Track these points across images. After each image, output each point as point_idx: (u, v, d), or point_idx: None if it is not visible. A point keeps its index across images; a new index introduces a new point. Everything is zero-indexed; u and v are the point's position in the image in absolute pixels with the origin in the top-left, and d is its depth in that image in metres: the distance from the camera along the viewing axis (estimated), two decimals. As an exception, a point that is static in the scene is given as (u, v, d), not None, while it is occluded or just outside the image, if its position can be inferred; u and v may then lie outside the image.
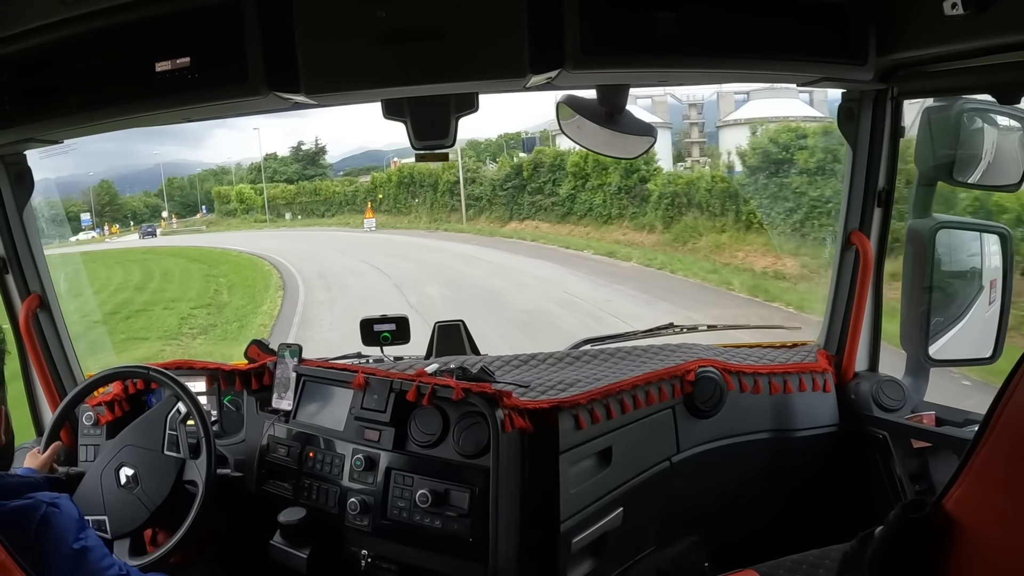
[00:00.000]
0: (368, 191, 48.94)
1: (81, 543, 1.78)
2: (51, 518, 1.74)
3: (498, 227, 37.34)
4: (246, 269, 30.92)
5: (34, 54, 2.29)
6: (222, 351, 18.26)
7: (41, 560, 1.68)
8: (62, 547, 1.74)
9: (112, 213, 60.55)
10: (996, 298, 2.87)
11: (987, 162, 2.77)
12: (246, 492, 2.99)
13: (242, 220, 54.89)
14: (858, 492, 3.06)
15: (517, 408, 2.60)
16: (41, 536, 1.71)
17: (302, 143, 57.52)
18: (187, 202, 63.06)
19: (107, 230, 56.71)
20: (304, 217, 52.32)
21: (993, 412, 1.49)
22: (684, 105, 40.92)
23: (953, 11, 1.97)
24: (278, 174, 56.48)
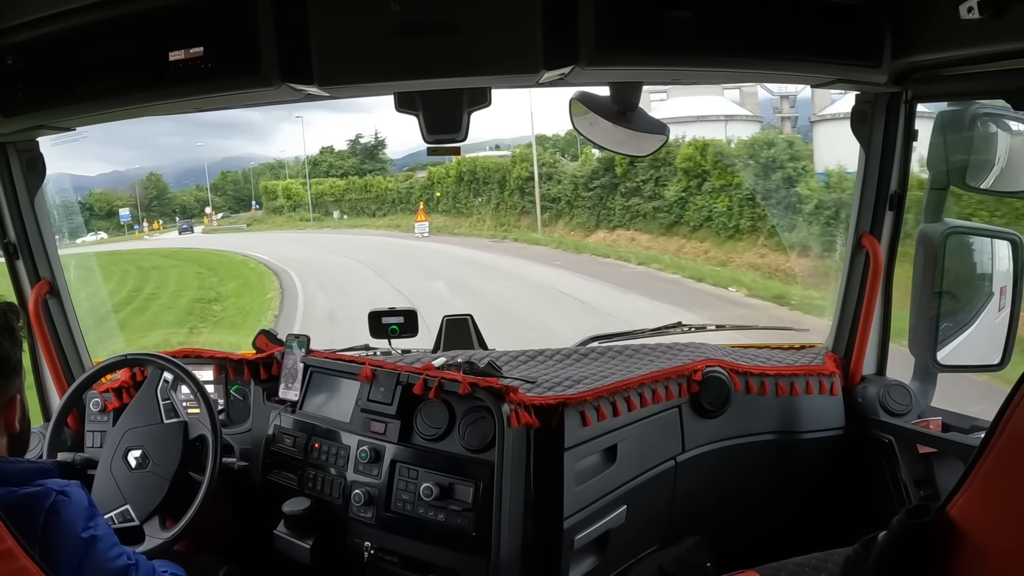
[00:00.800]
0: (424, 188, 44.06)
1: (90, 532, 1.76)
2: (60, 507, 1.71)
3: (581, 237, 29.54)
4: (247, 294, 24.18)
5: (47, 42, 2.30)
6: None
7: (49, 549, 1.66)
8: (71, 536, 1.71)
9: (160, 208, 60.12)
10: (1006, 305, 2.86)
11: (1000, 167, 2.76)
12: (251, 481, 3.00)
13: (287, 218, 52.71)
14: (863, 496, 3.05)
15: (523, 404, 2.61)
16: (50, 525, 1.67)
17: (360, 136, 55.39)
18: (241, 197, 61.77)
19: (145, 226, 55.55)
20: (352, 216, 48.86)
21: (1000, 419, 1.48)
22: (776, 97, 37.65)
23: (969, 15, 1.96)
24: (334, 168, 53.99)
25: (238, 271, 29.68)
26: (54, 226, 3.10)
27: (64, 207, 8.67)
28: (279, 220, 52.86)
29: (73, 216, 17.87)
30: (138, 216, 57.65)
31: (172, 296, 25.52)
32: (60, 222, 5.27)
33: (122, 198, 58.85)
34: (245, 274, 28.80)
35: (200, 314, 22.39)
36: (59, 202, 5.28)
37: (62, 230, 5.72)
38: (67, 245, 25.32)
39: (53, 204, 3.25)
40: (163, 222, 59.32)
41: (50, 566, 1.58)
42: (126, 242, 48.17)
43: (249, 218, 57.13)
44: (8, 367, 1.82)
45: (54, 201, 3.49)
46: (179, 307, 23.58)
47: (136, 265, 31.99)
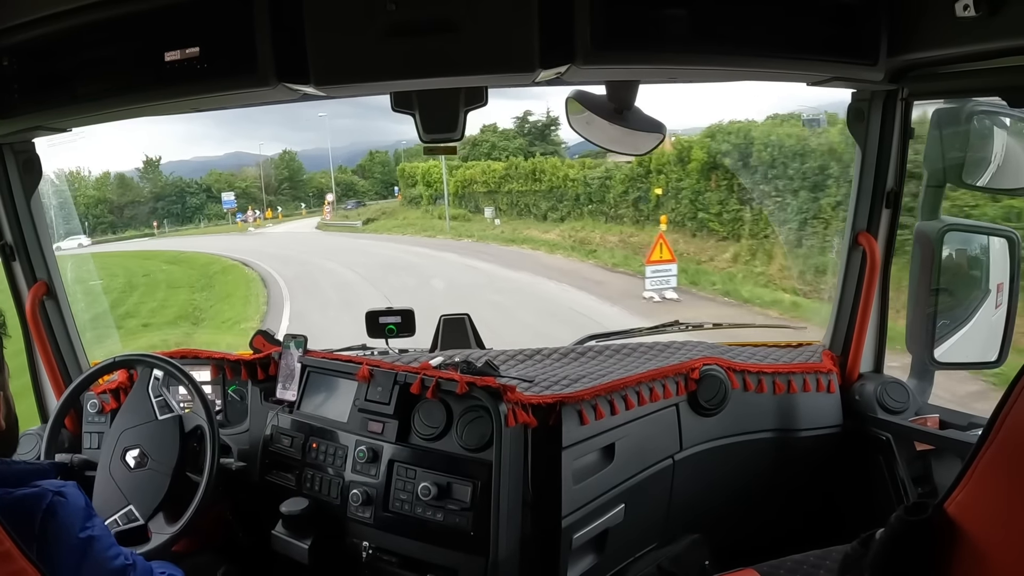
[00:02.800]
0: (629, 180, 27.14)
1: (87, 532, 1.76)
2: (57, 507, 1.71)
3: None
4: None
5: (43, 42, 2.29)
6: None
7: (47, 549, 1.66)
8: (68, 537, 1.71)
9: (292, 191, 56.30)
10: (1003, 302, 2.87)
11: (996, 165, 2.76)
12: (249, 482, 3.00)
13: (423, 213, 42.67)
14: (860, 493, 3.06)
15: (521, 403, 2.61)
16: (47, 526, 1.68)
17: (529, 113, 43.90)
18: (389, 180, 55.09)
19: (251, 215, 51.53)
20: (512, 216, 34.62)
21: (997, 416, 1.49)
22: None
23: (965, 13, 1.97)
24: (496, 150, 42.59)
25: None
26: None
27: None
28: (412, 216, 43.69)
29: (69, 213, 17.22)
30: (262, 200, 53.79)
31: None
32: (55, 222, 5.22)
33: (247, 179, 55.27)
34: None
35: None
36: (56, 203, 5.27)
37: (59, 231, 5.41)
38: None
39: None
40: (282, 210, 54.10)
41: (48, 567, 1.59)
42: (139, 242, 45.18)
43: (379, 210, 49.22)
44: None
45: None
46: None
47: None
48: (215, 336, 19.16)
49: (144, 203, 52.86)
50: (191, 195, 53.37)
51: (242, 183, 54.80)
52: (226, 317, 21.53)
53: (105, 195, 52.37)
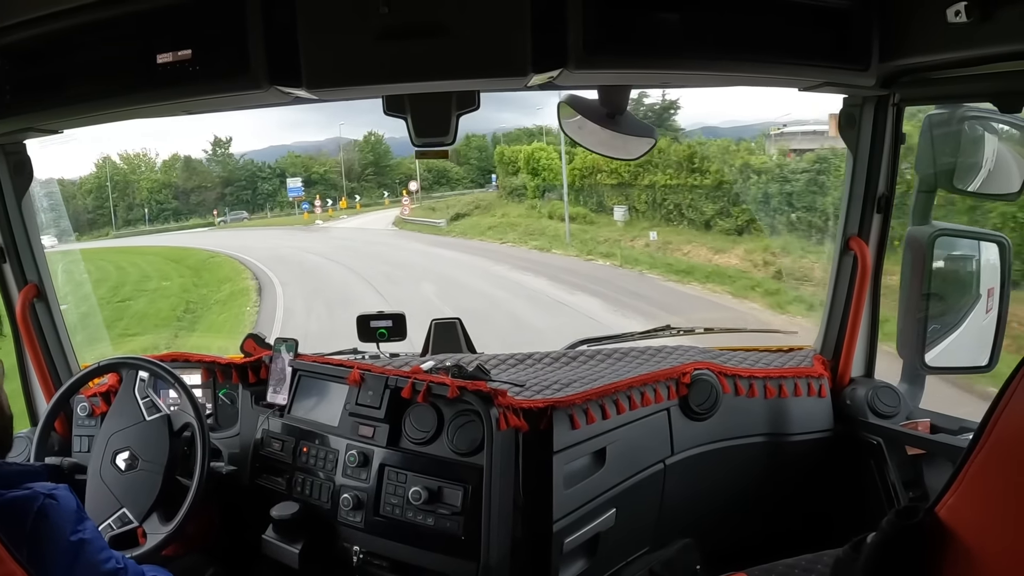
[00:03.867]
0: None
1: (79, 535, 1.76)
2: (48, 510, 1.72)
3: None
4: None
5: (35, 44, 2.29)
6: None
7: (38, 552, 1.67)
8: (59, 540, 1.72)
9: (377, 178, 51.48)
10: (994, 306, 2.88)
11: (987, 170, 2.77)
12: (239, 486, 2.99)
13: (529, 209, 34.56)
14: (852, 498, 3.06)
15: (512, 407, 2.61)
16: (38, 528, 1.69)
17: (644, 95, 34.48)
18: (486, 168, 49.01)
19: (320, 206, 47.21)
20: (658, 222, 25.60)
21: (988, 421, 1.49)
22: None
23: (956, 19, 1.97)
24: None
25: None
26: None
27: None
28: (514, 213, 35.11)
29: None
30: (342, 187, 49.43)
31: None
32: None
33: (326, 163, 50.51)
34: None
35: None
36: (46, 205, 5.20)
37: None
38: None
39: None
40: (362, 198, 49.55)
41: (38, 570, 1.60)
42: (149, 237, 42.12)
43: (472, 203, 40.96)
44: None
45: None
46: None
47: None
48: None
49: (212, 188, 50.23)
50: (263, 180, 49.88)
51: (320, 168, 51.12)
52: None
53: (171, 179, 49.91)
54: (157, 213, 49.19)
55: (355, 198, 50.76)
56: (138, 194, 49.70)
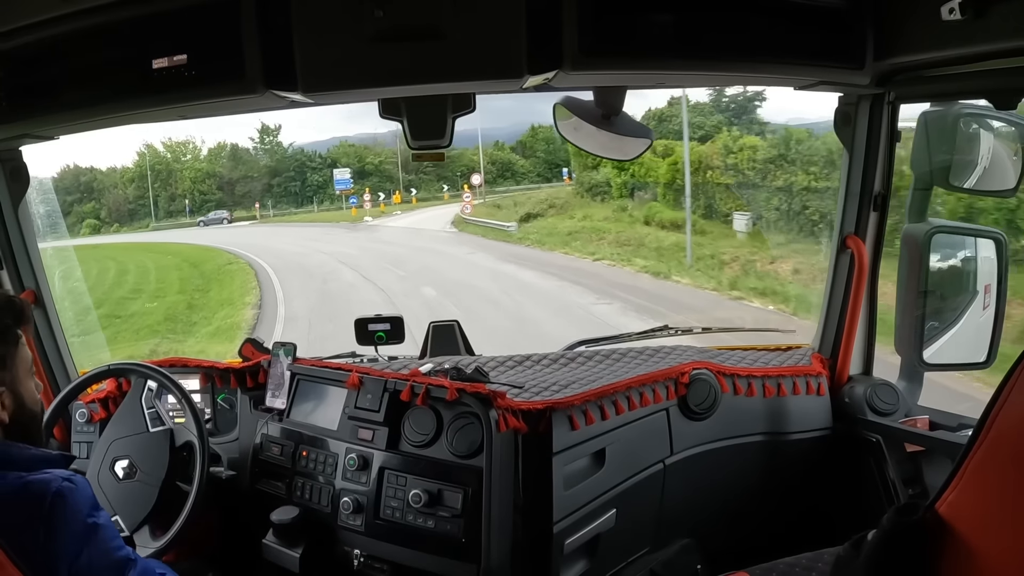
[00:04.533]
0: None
1: (94, 519, 1.83)
2: (66, 492, 1.78)
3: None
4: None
5: (31, 50, 2.29)
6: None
7: (53, 531, 1.74)
8: (75, 521, 1.78)
9: (435, 170, 47.54)
10: (991, 303, 2.88)
11: (983, 167, 2.78)
12: (239, 491, 2.99)
13: (616, 212, 29.83)
14: (851, 496, 3.06)
15: (511, 408, 2.61)
16: (55, 508, 1.75)
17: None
18: (554, 161, 46.37)
19: (369, 200, 44.46)
20: (804, 236, 20.57)
21: (987, 417, 1.49)
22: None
23: (951, 16, 1.98)
24: (691, 127, 30.32)
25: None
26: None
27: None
28: (597, 214, 30.83)
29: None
30: (398, 179, 47.53)
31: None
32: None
33: (380, 153, 48.38)
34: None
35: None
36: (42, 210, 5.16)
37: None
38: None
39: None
40: (419, 192, 47.59)
41: (52, 549, 1.73)
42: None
43: (545, 201, 37.16)
44: (7, 348, 1.89)
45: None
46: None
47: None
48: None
49: (258, 178, 48.43)
50: (313, 171, 48.32)
51: (375, 158, 49.28)
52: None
53: (215, 168, 48.46)
54: (200, 204, 47.43)
55: (411, 191, 48.76)
56: (180, 184, 47.93)
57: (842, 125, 2.90)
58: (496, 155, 49.71)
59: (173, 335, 20.88)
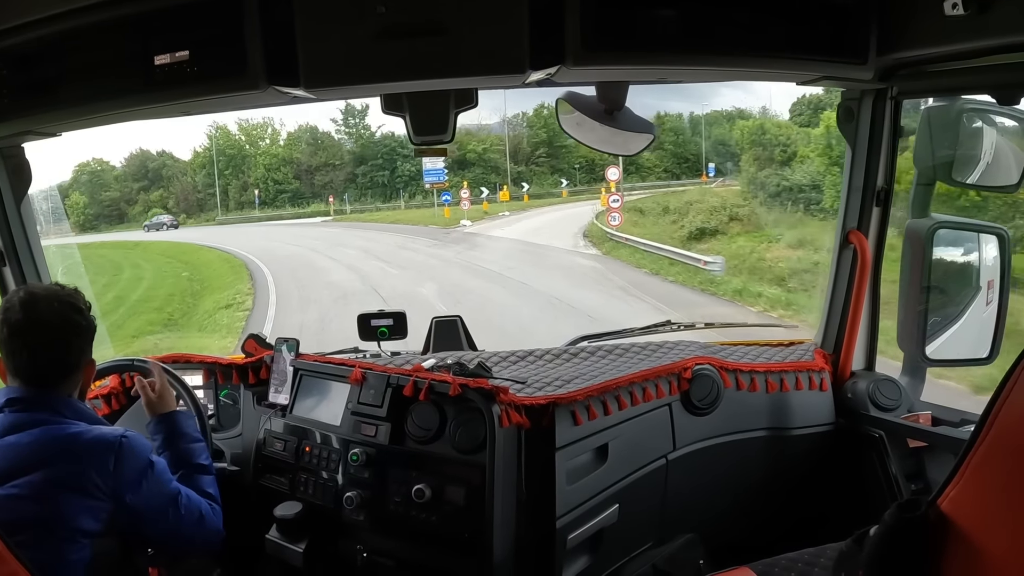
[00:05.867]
0: None
1: (152, 458, 2.28)
2: (130, 437, 2.22)
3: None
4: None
5: (33, 47, 2.29)
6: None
7: (119, 466, 2.16)
8: (138, 459, 2.22)
9: (549, 161, 42.09)
10: (993, 299, 2.88)
11: (986, 162, 2.77)
12: (242, 486, 2.99)
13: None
14: (854, 491, 3.06)
15: (514, 404, 2.61)
16: (122, 448, 2.17)
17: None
18: (684, 155, 39.31)
19: (466, 198, 35.38)
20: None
21: (989, 413, 1.49)
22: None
23: (954, 11, 1.98)
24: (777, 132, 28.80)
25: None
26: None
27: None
28: (816, 237, 21.27)
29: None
30: (506, 170, 40.36)
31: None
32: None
33: (485, 140, 41.23)
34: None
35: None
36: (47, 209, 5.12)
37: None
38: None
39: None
40: (531, 187, 40.05)
41: (119, 479, 2.15)
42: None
43: (710, 208, 27.58)
44: (90, 336, 2.28)
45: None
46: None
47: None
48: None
49: (340, 167, 43.17)
50: (404, 159, 41.52)
51: (479, 146, 41.62)
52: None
53: (293, 154, 43.43)
54: (274, 195, 42.89)
55: (522, 186, 40.98)
56: (254, 171, 43.51)
57: (845, 120, 2.90)
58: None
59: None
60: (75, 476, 2.09)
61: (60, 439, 2.11)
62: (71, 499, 2.07)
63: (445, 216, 35.73)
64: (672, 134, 40.30)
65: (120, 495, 2.15)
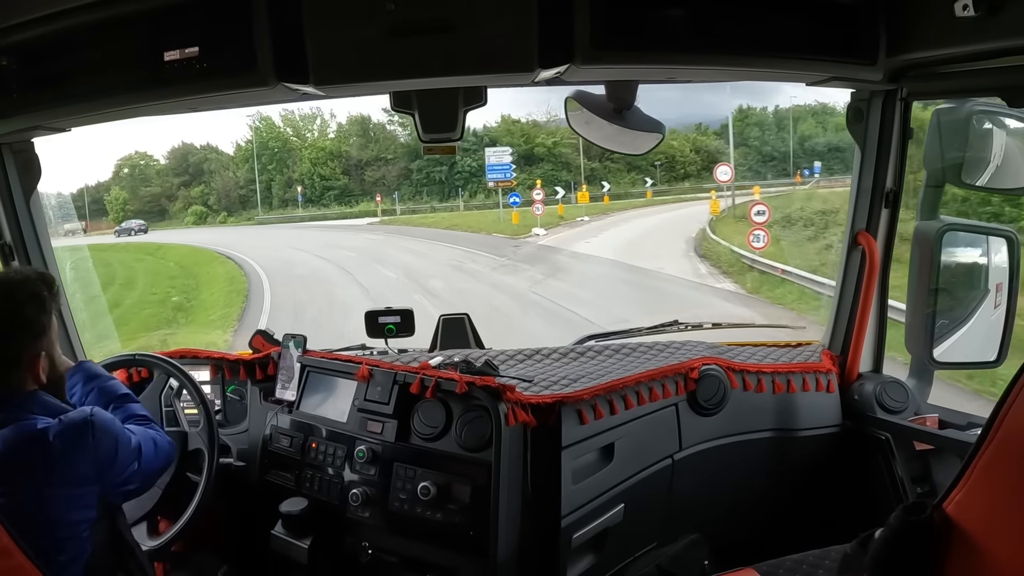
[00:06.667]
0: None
1: (118, 431, 2.24)
2: (96, 415, 2.18)
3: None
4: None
5: (43, 42, 2.30)
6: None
7: (98, 445, 2.14)
8: (110, 434, 2.19)
9: (626, 158, 32.20)
10: (1002, 302, 2.87)
11: (995, 165, 2.77)
12: (248, 482, 3.00)
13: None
14: (859, 493, 3.05)
15: (520, 402, 2.61)
16: (94, 425, 2.15)
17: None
18: (769, 154, 34.04)
19: (539, 200, 28.84)
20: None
21: (996, 416, 1.49)
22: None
23: (964, 12, 1.97)
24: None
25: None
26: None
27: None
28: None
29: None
30: (579, 166, 35.71)
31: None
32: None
33: (555, 133, 36.29)
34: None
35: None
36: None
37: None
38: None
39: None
40: (611, 187, 35.31)
41: (98, 460, 2.14)
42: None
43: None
44: (34, 331, 2.17)
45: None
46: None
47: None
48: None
49: (393, 161, 39.10)
50: (465, 152, 35.85)
51: (548, 139, 36.85)
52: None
53: (341, 147, 39.86)
54: (320, 192, 39.08)
55: (602, 186, 35.80)
56: (299, 166, 40.02)
57: (854, 121, 2.90)
58: (701, 142, 37.07)
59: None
60: (58, 473, 2.07)
61: (32, 439, 2.07)
62: (59, 496, 2.07)
63: (513, 222, 29.87)
64: (757, 128, 35.52)
65: (103, 472, 2.15)
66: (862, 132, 2.88)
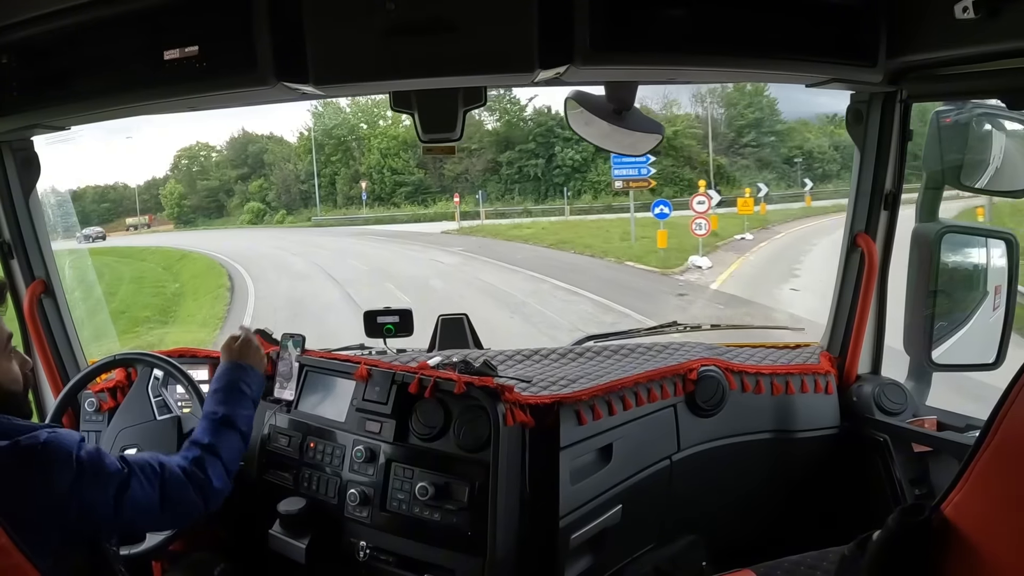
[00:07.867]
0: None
1: (82, 452, 1.95)
2: (51, 439, 1.89)
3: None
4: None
5: (42, 40, 2.30)
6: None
7: (48, 477, 1.86)
8: (67, 462, 1.89)
9: (756, 152, 32.46)
10: (1000, 304, 2.87)
11: (995, 167, 2.77)
12: (246, 481, 2.99)
13: None
14: (858, 495, 3.06)
15: (519, 403, 2.61)
16: (47, 452, 1.87)
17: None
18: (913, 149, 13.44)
19: (700, 210, 19.89)
20: None
21: (994, 418, 1.49)
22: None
23: (964, 15, 1.97)
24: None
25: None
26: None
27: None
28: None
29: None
30: (706, 161, 31.09)
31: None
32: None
33: (676, 123, 31.99)
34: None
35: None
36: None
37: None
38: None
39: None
40: (765, 191, 29.12)
41: (52, 490, 1.86)
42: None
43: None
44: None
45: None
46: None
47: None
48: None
49: (479, 152, 34.70)
50: (566, 143, 31.82)
51: (668, 128, 28.22)
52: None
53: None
54: (390, 189, 34.72)
55: (760, 189, 29.39)
56: (367, 158, 35.88)
57: (854, 123, 2.90)
58: (839, 135, 30.98)
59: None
60: (11, 502, 1.75)
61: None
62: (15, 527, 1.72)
63: (658, 244, 21.48)
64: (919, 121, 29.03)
65: (55, 511, 1.88)
66: (862, 134, 2.88)
